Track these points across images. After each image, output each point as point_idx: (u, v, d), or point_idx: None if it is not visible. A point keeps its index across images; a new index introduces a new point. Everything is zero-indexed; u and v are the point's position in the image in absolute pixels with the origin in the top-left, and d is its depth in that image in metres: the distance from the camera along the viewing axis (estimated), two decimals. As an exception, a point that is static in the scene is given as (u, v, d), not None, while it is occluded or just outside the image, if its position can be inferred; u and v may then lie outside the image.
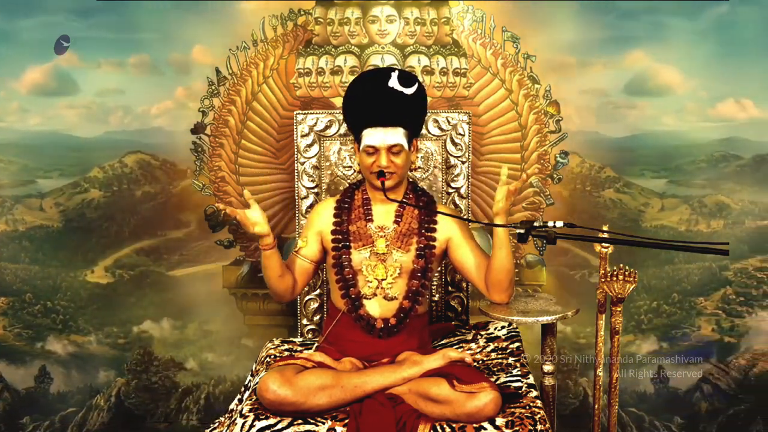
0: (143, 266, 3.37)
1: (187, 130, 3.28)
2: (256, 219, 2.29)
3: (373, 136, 2.33)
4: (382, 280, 2.40)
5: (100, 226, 3.36)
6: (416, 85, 2.37)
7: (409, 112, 2.38)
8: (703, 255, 3.34)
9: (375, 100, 2.34)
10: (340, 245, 2.43)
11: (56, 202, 3.35)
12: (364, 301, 2.40)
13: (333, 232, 2.44)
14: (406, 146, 2.36)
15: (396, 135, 2.33)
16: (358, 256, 2.41)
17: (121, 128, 3.32)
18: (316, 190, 2.80)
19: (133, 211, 3.36)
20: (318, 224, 2.48)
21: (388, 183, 2.35)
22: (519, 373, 2.40)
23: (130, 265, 3.37)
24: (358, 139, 2.40)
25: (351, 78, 3.12)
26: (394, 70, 2.37)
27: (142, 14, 3.23)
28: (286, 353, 2.59)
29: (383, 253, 2.41)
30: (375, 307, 2.40)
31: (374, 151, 2.34)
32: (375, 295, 2.40)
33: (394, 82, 2.33)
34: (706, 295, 3.36)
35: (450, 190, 2.81)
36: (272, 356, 2.60)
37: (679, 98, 3.28)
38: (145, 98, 3.30)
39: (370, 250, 2.41)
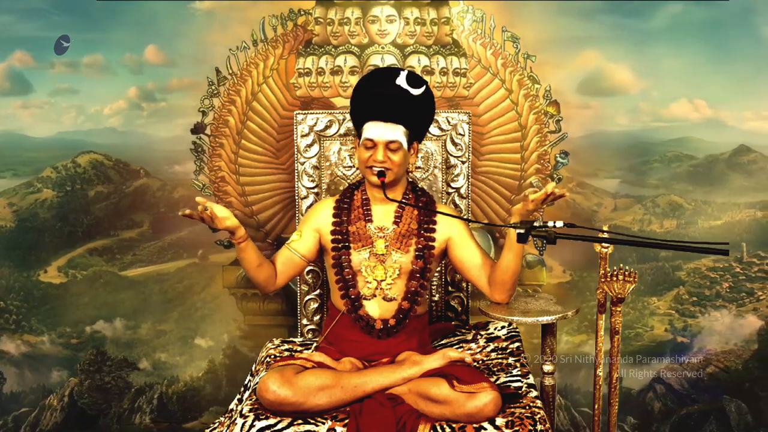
0: (96, 266, 3.37)
1: (140, 130, 3.29)
2: (224, 213, 2.27)
3: (373, 129, 2.34)
4: (382, 281, 2.40)
5: (53, 226, 3.35)
6: (424, 88, 2.37)
7: (413, 113, 2.38)
8: (656, 255, 3.38)
9: (379, 95, 2.34)
10: (339, 246, 2.43)
11: (9, 202, 3.35)
12: (364, 302, 2.41)
13: (333, 233, 2.44)
14: (404, 145, 2.36)
15: (396, 132, 2.34)
16: (358, 257, 2.41)
17: (75, 128, 3.32)
18: (316, 190, 2.80)
19: (86, 211, 3.36)
20: (316, 221, 2.47)
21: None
22: (519, 373, 2.40)
23: (83, 265, 3.37)
24: (359, 134, 2.41)
25: (351, 78, 3.16)
26: (405, 70, 2.39)
27: (95, 14, 3.24)
28: (286, 353, 2.59)
29: (382, 254, 2.41)
30: (374, 308, 2.41)
31: (372, 145, 2.34)
32: (374, 295, 2.41)
33: (401, 80, 2.33)
34: (659, 295, 3.36)
35: (450, 190, 2.81)
36: (272, 356, 2.59)
37: (632, 98, 3.28)
38: (99, 98, 3.30)
39: (370, 251, 2.42)
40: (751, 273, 3.36)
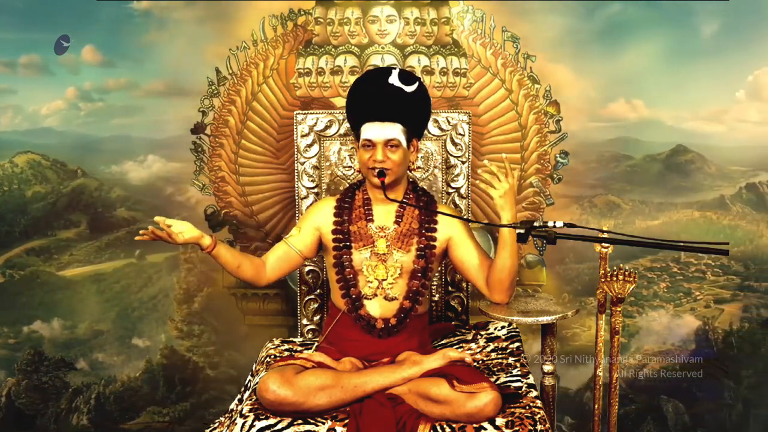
0: (33, 266, 3.36)
1: (77, 130, 3.29)
2: (180, 228, 2.25)
3: (371, 130, 2.35)
4: (383, 280, 2.41)
5: (-10, 226, 3.36)
6: (417, 84, 2.39)
7: (409, 110, 2.39)
8: (593, 255, 3.36)
9: (374, 95, 2.36)
10: (341, 245, 2.43)
11: (-54, 202, 3.35)
12: (365, 301, 2.41)
13: (334, 232, 2.44)
14: (403, 143, 2.37)
15: (393, 130, 2.35)
16: (359, 257, 2.42)
17: (12, 128, 3.32)
18: (316, 190, 2.80)
19: (24, 211, 3.35)
20: (317, 219, 2.48)
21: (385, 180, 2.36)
22: (519, 373, 2.41)
23: (20, 264, 3.36)
24: (358, 136, 2.41)
25: (351, 78, 3.15)
26: (396, 68, 2.41)
27: (32, 14, 3.24)
28: (286, 353, 2.59)
29: (384, 254, 2.42)
30: (375, 307, 2.41)
31: (371, 145, 2.35)
32: (375, 295, 2.41)
33: (394, 79, 2.35)
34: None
35: (450, 190, 2.81)
36: (272, 356, 2.60)
37: (570, 98, 3.28)
38: (36, 98, 3.30)
39: (371, 251, 2.42)
40: (688, 273, 3.36)
